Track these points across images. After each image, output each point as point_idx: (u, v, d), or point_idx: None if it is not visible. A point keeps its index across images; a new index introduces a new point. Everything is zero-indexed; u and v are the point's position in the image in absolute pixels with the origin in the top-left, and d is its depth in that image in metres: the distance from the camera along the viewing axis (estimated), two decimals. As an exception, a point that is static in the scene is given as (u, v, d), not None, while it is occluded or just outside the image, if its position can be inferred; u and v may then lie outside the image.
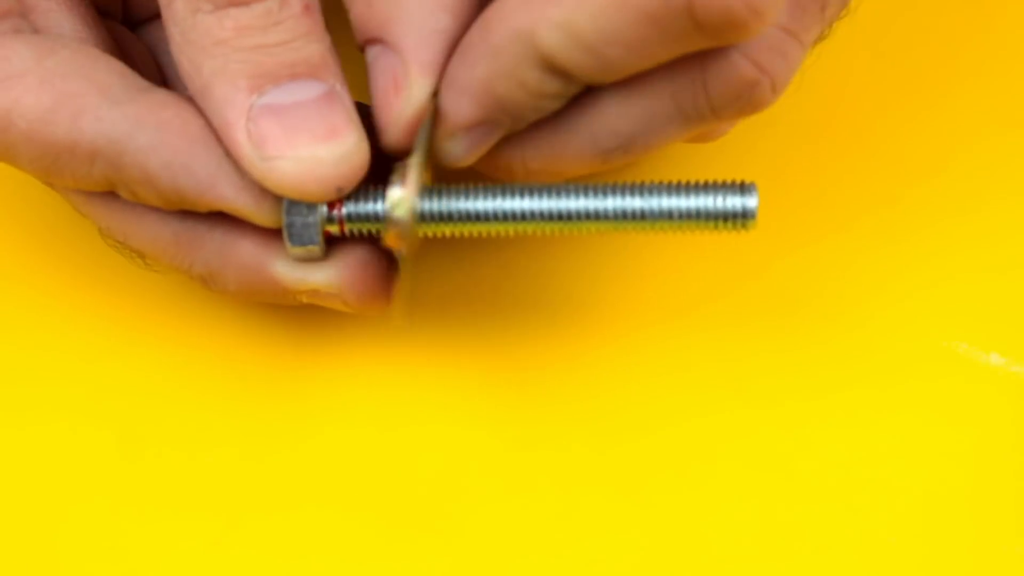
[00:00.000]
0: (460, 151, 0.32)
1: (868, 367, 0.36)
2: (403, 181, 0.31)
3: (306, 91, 0.31)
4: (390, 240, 0.32)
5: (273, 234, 0.32)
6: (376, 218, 0.32)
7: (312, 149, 0.31)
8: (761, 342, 0.37)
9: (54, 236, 0.38)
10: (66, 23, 0.33)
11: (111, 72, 0.32)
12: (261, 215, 0.32)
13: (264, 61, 0.31)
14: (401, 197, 0.31)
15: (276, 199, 0.31)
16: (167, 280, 0.37)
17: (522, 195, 0.32)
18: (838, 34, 0.33)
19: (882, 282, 0.38)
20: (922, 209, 0.39)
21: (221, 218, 0.32)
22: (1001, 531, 0.34)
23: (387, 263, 0.33)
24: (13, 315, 0.37)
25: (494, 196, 0.32)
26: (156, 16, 0.35)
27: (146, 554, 0.34)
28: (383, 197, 0.32)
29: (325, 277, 0.33)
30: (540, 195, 0.32)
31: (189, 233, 0.33)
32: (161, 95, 0.32)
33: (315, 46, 0.31)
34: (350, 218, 0.32)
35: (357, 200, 0.32)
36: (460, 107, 0.31)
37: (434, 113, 0.32)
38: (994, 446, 0.35)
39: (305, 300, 0.33)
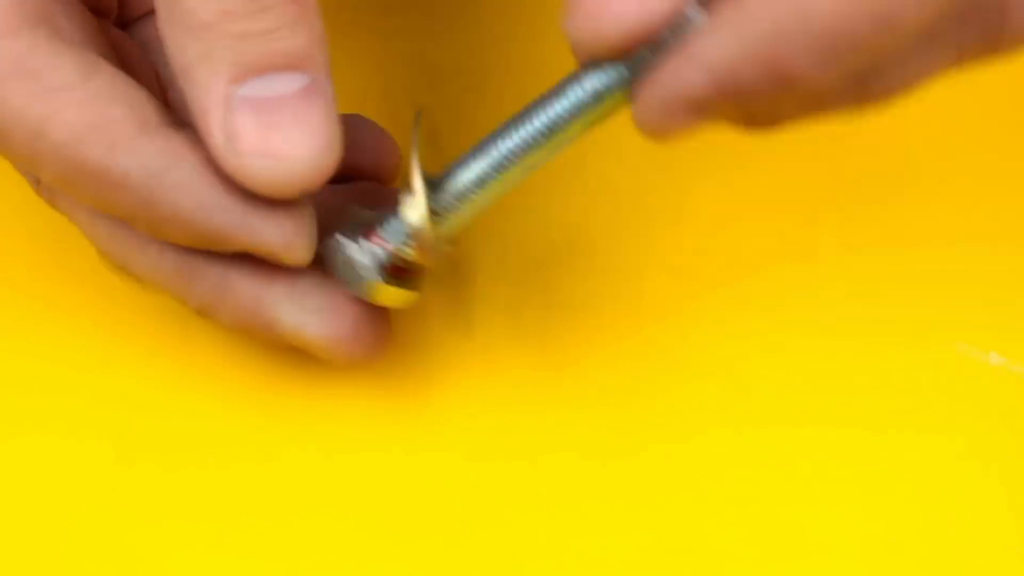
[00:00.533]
0: (660, 127, 0.29)
1: (867, 367, 0.36)
2: (410, 203, 0.31)
3: (287, 84, 0.30)
4: (423, 257, 0.32)
5: (271, 277, 0.32)
6: (409, 237, 0.32)
7: (285, 150, 0.30)
8: (759, 342, 0.37)
9: (54, 242, 0.38)
10: (77, 33, 0.32)
11: (147, 103, 0.31)
12: (293, 255, 0.32)
13: (247, 50, 0.30)
14: (418, 221, 0.31)
15: (308, 238, 0.31)
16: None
17: (516, 129, 0.31)
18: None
19: (881, 281, 0.37)
20: (922, 208, 0.39)
21: (220, 257, 0.32)
22: (1001, 531, 0.34)
23: (380, 320, 0.33)
24: (12, 321, 0.37)
25: (496, 145, 0.31)
26: (149, 12, 0.35)
27: (144, 563, 0.34)
28: (402, 217, 0.32)
29: (319, 331, 0.33)
30: (527, 118, 0.31)
31: (189, 267, 0.33)
32: (193, 133, 0.31)
33: (302, 35, 0.30)
34: (393, 254, 0.32)
35: (387, 233, 0.32)
36: (690, 80, 0.28)
37: (421, 125, 0.32)
38: (994, 446, 0.35)
39: (296, 345, 0.33)
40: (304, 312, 0.32)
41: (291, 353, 0.36)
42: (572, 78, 0.30)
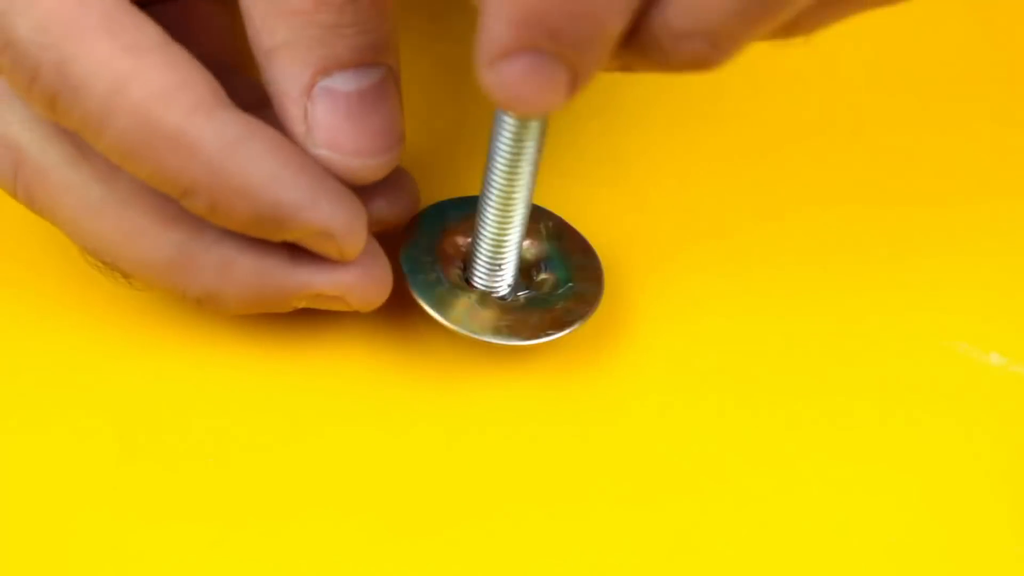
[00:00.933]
0: (512, 96, 0.27)
1: (867, 366, 0.36)
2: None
3: (368, 78, 0.31)
4: None
5: (269, 248, 0.33)
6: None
7: (358, 146, 0.31)
8: (758, 341, 0.37)
9: (54, 242, 0.38)
10: None
11: (216, 81, 0.31)
12: (353, 239, 0.32)
13: (336, 43, 0.31)
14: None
15: (366, 225, 0.33)
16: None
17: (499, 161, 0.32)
18: (836, 29, 0.33)
19: (881, 281, 0.37)
20: (922, 208, 0.39)
21: (219, 239, 0.33)
22: (1001, 531, 0.34)
23: (381, 264, 0.34)
24: (12, 321, 0.37)
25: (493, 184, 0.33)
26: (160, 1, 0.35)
27: (144, 562, 0.34)
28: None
29: (329, 280, 0.33)
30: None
31: (188, 254, 0.33)
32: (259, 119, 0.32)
33: (385, 25, 0.31)
34: None
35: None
36: (496, 31, 0.26)
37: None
38: (994, 446, 0.35)
39: (304, 305, 0.34)
40: (310, 266, 0.33)
41: (292, 350, 0.36)
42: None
